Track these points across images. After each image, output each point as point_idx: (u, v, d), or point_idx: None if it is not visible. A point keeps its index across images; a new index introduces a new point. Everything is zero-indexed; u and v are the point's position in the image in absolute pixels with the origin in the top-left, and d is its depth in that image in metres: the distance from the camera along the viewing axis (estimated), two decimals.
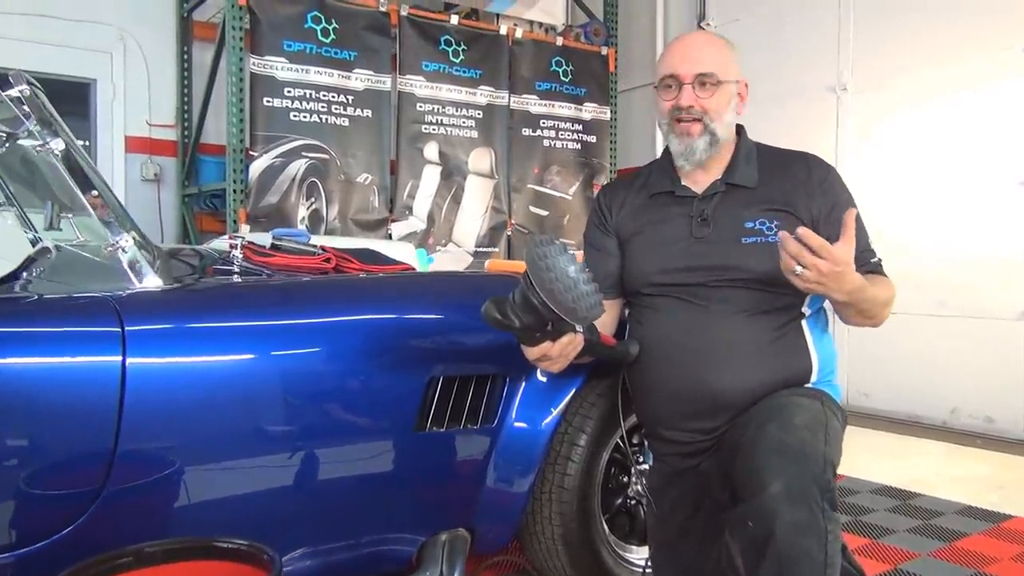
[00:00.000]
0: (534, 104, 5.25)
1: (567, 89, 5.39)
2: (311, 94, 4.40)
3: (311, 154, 4.39)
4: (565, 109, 5.39)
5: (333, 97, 4.47)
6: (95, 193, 1.53)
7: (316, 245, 2.12)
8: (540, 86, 5.27)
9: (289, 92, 4.33)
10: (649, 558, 1.73)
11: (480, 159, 5.03)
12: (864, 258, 1.51)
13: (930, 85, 4.03)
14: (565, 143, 5.40)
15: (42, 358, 1.35)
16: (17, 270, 2.00)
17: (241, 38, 4.25)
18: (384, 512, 1.67)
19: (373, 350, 1.61)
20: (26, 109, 1.52)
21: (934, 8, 4.01)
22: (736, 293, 1.52)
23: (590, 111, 5.51)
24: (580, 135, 5.47)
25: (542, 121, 5.29)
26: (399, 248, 3.19)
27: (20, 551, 1.30)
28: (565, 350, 1.40)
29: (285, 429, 1.52)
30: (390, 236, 4.67)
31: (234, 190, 4.28)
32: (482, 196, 5.05)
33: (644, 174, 1.73)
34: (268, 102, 4.28)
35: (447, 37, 4.89)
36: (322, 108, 4.44)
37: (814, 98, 4.53)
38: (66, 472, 1.34)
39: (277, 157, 4.30)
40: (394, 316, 1.71)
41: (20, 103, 1.52)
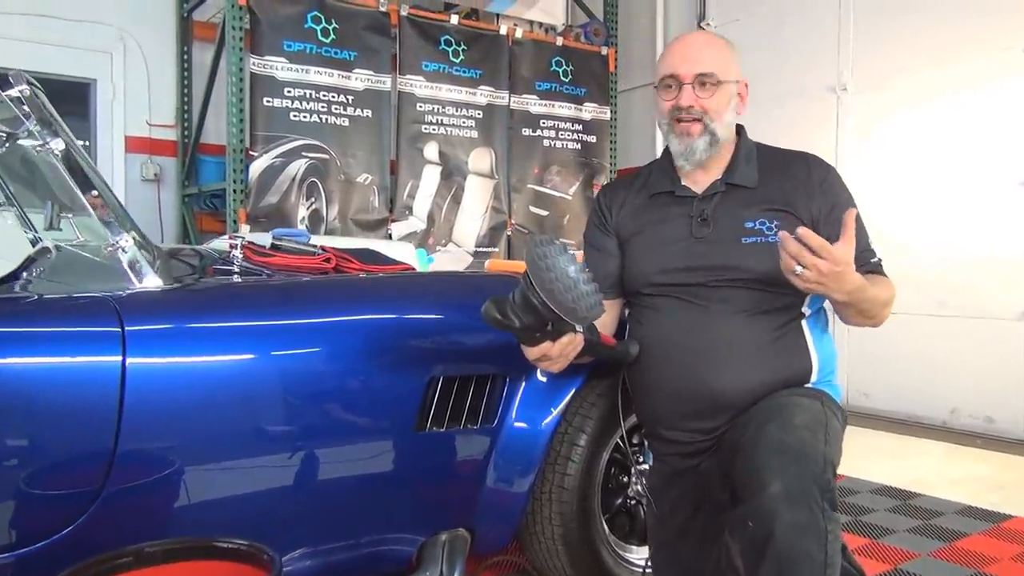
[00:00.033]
0: (534, 104, 5.25)
1: (567, 89, 5.39)
2: (311, 94, 4.40)
3: (311, 154, 4.39)
4: (565, 109, 5.39)
5: (333, 97, 4.47)
6: (95, 193, 1.53)
7: (316, 245, 2.12)
8: (540, 86, 5.27)
9: (289, 92, 4.33)
10: (649, 558, 1.73)
11: (480, 159, 5.03)
12: (864, 258, 1.51)
13: (930, 85, 4.03)
14: (565, 143, 5.40)
15: (42, 358, 1.35)
16: (17, 270, 2.00)
17: (241, 38, 4.25)
18: (384, 512, 1.67)
19: (373, 350, 1.61)
20: (26, 109, 1.52)
21: (934, 8, 4.01)
22: (736, 293, 1.52)
23: (590, 111, 5.50)
24: (580, 135, 5.47)
25: (542, 121, 5.29)
26: (399, 248, 3.19)
27: (20, 551, 1.30)
28: (565, 350, 1.40)
29: (285, 429, 1.52)
30: (390, 236, 4.67)
31: (234, 190, 4.28)
32: (482, 196, 5.05)
33: (644, 174, 1.73)
34: (268, 102, 4.28)
35: (447, 37, 4.89)
36: (322, 108, 4.44)
37: (814, 98, 4.53)
38: (66, 472, 1.34)
39: (277, 157, 4.30)
40: (394, 316, 1.71)
41: (20, 103, 1.52)
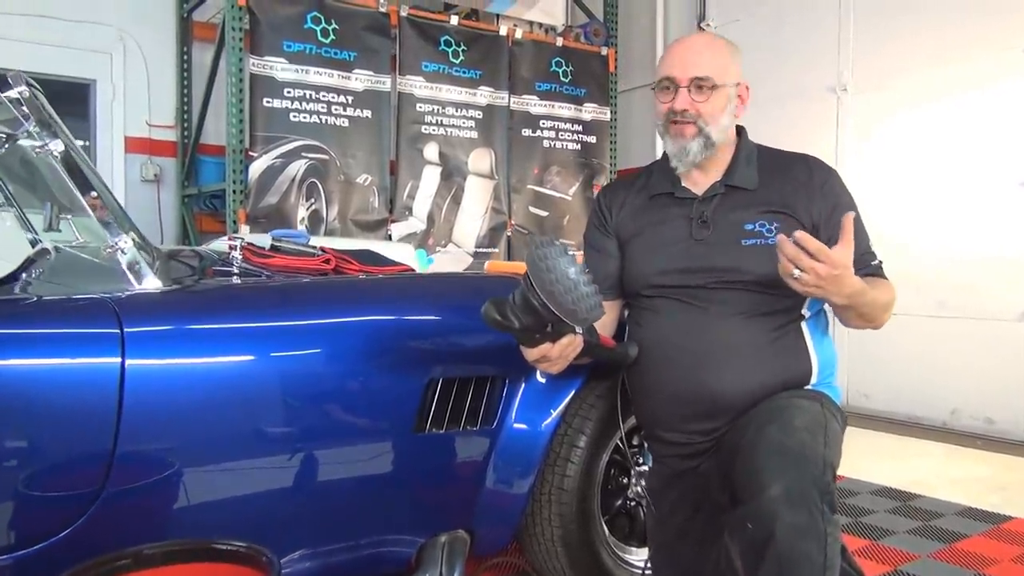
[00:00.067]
0: (534, 105, 5.25)
1: (567, 90, 5.39)
2: (311, 94, 4.40)
3: (311, 155, 4.39)
4: (565, 110, 5.39)
5: (333, 98, 4.47)
6: (94, 194, 1.53)
7: (315, 246, 2.12)
8: (540, 86, 5.27)
9: (289, 92, 4.33)
10: (648, 559, 1.73)
11: (480, 160, 5.03)
12: (865, 260, 1.51)
13: (930, 85, 4.03)
14: (565, 144, 5.40)
15: (41, 359, 1.35)
16: (16, 271, 2.01)
17: (241, 38, 4.25)
18: (383, 514, 1.67)
19: (372, 351, 1.60)
20: (25, 110, 1.52)
21: (934, 8, 4.01)
22: (736, 295, 1.52)
23: (590, 111, 5.50)
24: (580, 136, 5.47)
25: (542, 122, 5.29)
26: (398, 249, 3.19)
27: (18, 553, 1.30)
28: (564, 351, 1.40)
29: (284, 431, 1.52)
30: (390, 237, 4.67)
31: (234, 191, 4.28)
32: (482, 197, 5.05)
33: (644, 175, 1.73)
34: (268, 103, 4.28)
35: (447, 37, 4.89)
36: (322, 109, 4.43)
37: (814, 98, 4.53)
38: (65, 474, 1.34)
39: (277, 158, 4.30)
40: (393, 317, 1.71)
41: (19, 104, 1.52)
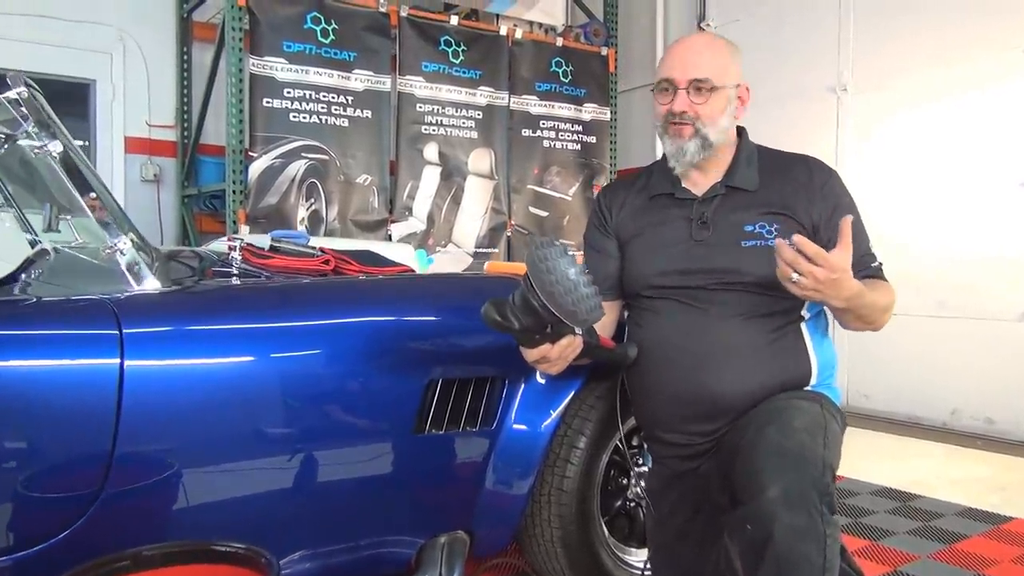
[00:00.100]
0: (534, 105, 5.25)
1: (567, 90, 5.39)
2: (311, 95, 4.40)
3: (311, 155, 4.39)
4: (565, 110, 5.39)
5: (333, 98, 4.47)
6: (93, 195, 1.53)
7: (315, 247, 2.12)
8: (540, 87, 5.26)
9: (289, 93, 4.33)
10: (648, 560, 1.73)
11: (480, 160, 5.03)
12: (864, 262, 1.51)
13: (930, 85, 4.03)
14: (565, 144, 5.40)
15: (40, 360, 1.34)
16: (16, 272, 2.00)
17: (241, 39, 4.25)
18: (383, 515, 1.66)
19: (372, 352, 1.60)
20: (24, 111, 1.52)
21: (934, 8, 4.01)
22: (735, 296, 1.52)
23: (590, 112, 5.50)
24: (580, 136, 5.47)
25: (542, 122, 5.29)
26: (398, 249, 3.19)
27: (17, 555, 1.30)
28: (564, 352, 1.40)
29: (283, 432, 1.52)
30: (390, 237, 4.67)
31: (233, 191, 4.28)
32: (482, 197, 5.05)
33: (644, 175, 1.73)
34: (268, 103, 4.27)
35: (447, 38, 4.89)
36: (322, 109, 4.43)
37: (814, 98, 4.53)
38: (64, 475, 1.34)
39: (277, 158, 4.30)
40: (393, 318, 1.70)
41: (18, 105, 1.52)
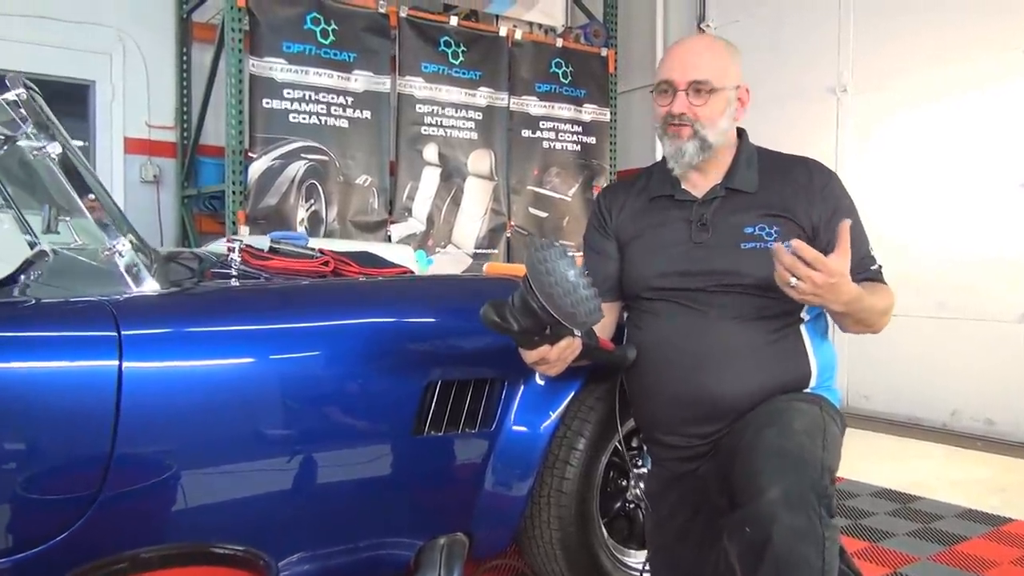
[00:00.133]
0: (534, 105, 5.24)
1: (567, 90, 5.38)
2: (310, 95, 4.40)
3: (310, 156, 4.39)
4: (565, 110, 5.39)
5: (332, 99, 4.47)
6: (92, 197, 1.53)
7: (314, 248, 2.12)
8: (540, 87, 5.26)
9: (288, 93, 4.33)
10: (647, 562, 1.73)
11: (479, 161, 5.03)
12: (864, 265, 1.51)
13: (930, 86, 4.03)
14: (565, 145, 5.40)
15: (38, 362, 1.34)
16: (15, 273, 2.00)
17: (240, 39, 4.25)
18: (382, 516, 1.66)
19: (371, 354, 1.60)
20: (23, 113, 1.52)
21: (934, 9, 4.01)
22: (735, 298, 1.52)
23: (590, 112, 5.50)
24: (580, 136, 5.47)
25: (542, 123, 5.28)
26: (397, 251, 3.19)
27: (16, 556, 1.30)
28: (563, 354, 1.40)
29: (282, 433, 1.52)
30: (389, 238, 4.67)
31: (233, 192, 4.27)
32: (481, 198, 5.04)
33: (644, 177, 1.73)
34: (267, 103, 4.27)
35: (446, 38, 4.89)
36: (321, 110, 4.43)
37: (814, 99, 4.53)
38: (62, 477, 1.34)
39: (276, 159, 4.30)
40: (392, 320, 1.70)
41: (17, 107, 1.52)
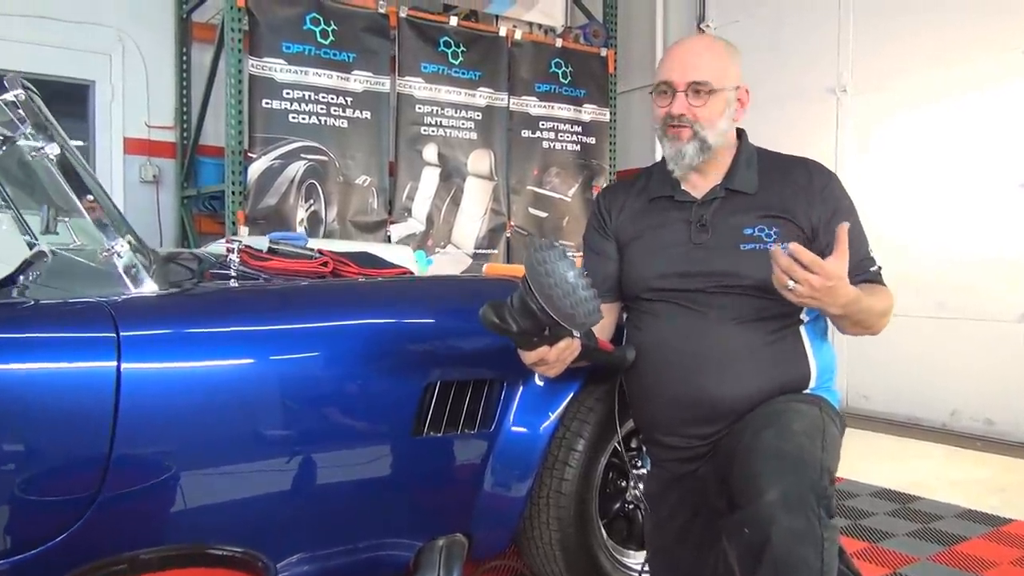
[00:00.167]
0: (533, 106, 5.24)
1: (566, 91, 5.38)
2: (310, 96, 4.39)
3: (310, 156, 4.39)
4: (564, 111, 5.38)
5: (332, 99, 4.47)
6: (90, 198, 1.53)
7: (313, 249, 2.12)
8: (539, 88, 5.26)
9: (288, 94, 4.32)
10: (646, 563, 1.73)
11: (479, 161, 5.02)
12: (863, 266, 1.51)
13: (930, 86, 4.03)
14: (564, 145, 5.39)
15: (37, 363, 1.34)
16: (13, 274, 2.00)
17: (240, 40, 4.25)
18: (381, 517, 1.66)
19: (370, 355, 1.60)
20: (21, 113, 1.52)
21: (934, 9, 4.01)
22: (735, 300, 1.52)
23: (589, 113, 5.50)
24: (579, 137, 5.46)
25: (541, 123, 5.28)
26: (397, 251, 3.18)
27: (14, 558, 1.30)
28: (562, 355, 1.40)
29: (281, 434, 1.52)
30: (389, 238, 4.67)
31: (233, 192, 4.27)
32: (481, 198, 5.04)
33: (644, 177, 1.73)
34: (267, 104, 4.27)
35: (446, 39, 4.89)
36: (321, 110, 4.43)
37: (814, 99, 4.52)
38: (61, 478, 1.34)
39: (276, 159, 4.30)
40: (391, 321, 1.70)
41: (15, 108, 1.52)
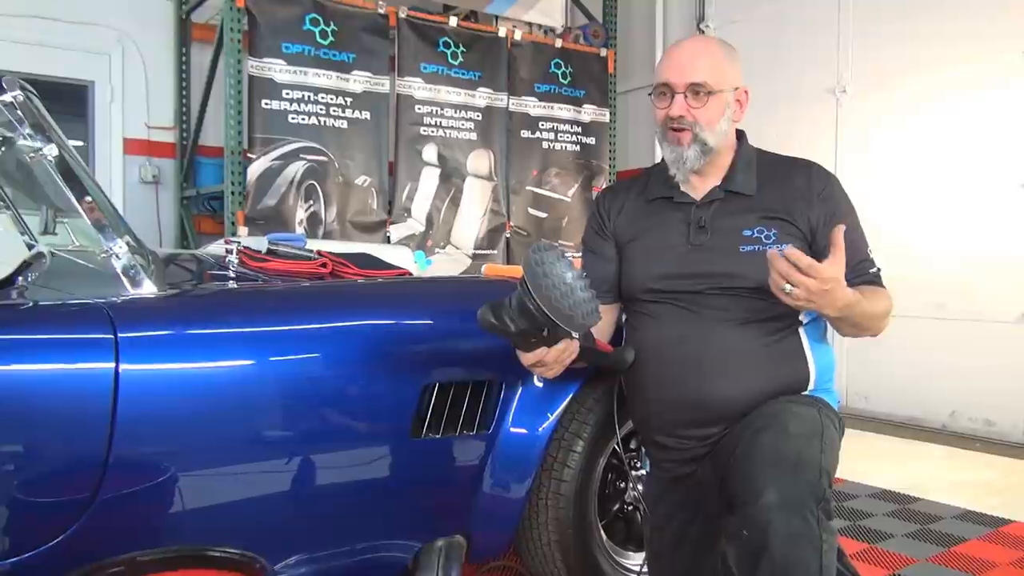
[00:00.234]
0: (533, 106, 5.24)
1: (566, 91, 5.38)
2: (309, 96, 4.39)
3: (309, 156, 4.39)
4: (564, 111, 5.38)
5: (331, 99, 4.47)
6: (89, 199, 1.53)
7: (312, 250, 2.12)
8: (539, 88, 5.26)
9: (287, 94, 4.33)
10: (645, 564, 1.73)
11: (479, 161, 5.02)
12: (862, 268, 1.51)
13: (930, 87, 4.03)
14: (564, 145, 5.40)
15: (35, 365, 1.34)
16: (12, 275, 2.00)
17: (239, 40, 4.25)
18: (380, 519, 1.66)
19: (369, 356, 1.60)
20: (20, 115, 1.51)
21: (934, 10, 4.01)
22: (733, 301, 1.51)
23: (589, 113, 5.50)
24: (579, 137, 5.46)
25: (541, 123, 5.28)
26: (396, 252, 3.18)
27: (12, 560, 1.30)
28: (560, 356, 1.40)
29: (279, 436, 1.51)
30: (388, 238, 4.67)
31: (232, 192, 4.27)
32: (481, 198, 5.04)
33: (643, 178, 1.73)
34: (266, 104, 4.27)
35: (446, 39, 4.89)
36: (320, 110, 4.43)
37: (814, 100, 4.53)
38: (58, 480, 1.33)
39: (275, 159, 4.30)
40: (390, 322, 1.70)
41: (13, 109, 1.51)
